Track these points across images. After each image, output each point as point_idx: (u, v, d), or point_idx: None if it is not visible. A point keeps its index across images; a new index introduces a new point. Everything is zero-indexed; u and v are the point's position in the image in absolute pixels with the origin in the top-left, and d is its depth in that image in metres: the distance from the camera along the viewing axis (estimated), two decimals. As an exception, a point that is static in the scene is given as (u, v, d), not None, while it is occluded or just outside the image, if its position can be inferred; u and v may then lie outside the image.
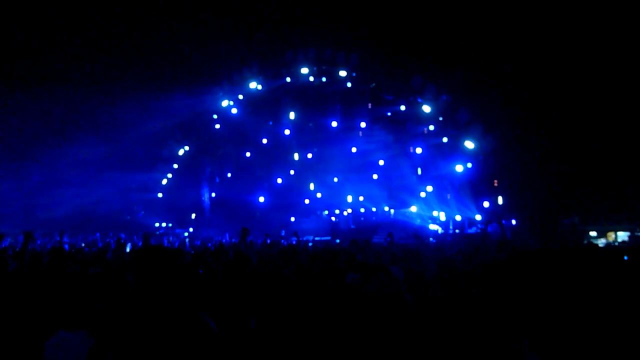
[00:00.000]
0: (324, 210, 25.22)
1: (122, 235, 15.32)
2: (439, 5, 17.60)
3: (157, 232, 24.25)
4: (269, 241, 11.16)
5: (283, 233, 19.35)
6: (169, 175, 27.34)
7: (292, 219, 24.52)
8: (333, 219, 24.87)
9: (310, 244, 17.17)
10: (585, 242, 16.60)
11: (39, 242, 14.84)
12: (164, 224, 26.68)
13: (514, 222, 18.94)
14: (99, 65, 20.41)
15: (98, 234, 15.38)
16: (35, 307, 4.58)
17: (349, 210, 24.48)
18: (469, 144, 20.03)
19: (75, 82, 19.79)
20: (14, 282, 5.19)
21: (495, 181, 20.14)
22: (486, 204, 19.57)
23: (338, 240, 18.85)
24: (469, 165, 20.29)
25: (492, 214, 18.74)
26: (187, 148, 26.94)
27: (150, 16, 18.94)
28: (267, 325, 3.74)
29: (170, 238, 18.28)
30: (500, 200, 19.73)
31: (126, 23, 19.04)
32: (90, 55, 19.93)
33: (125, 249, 11.75)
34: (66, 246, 13.43)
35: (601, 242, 18.32)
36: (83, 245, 13.69)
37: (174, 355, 2.95)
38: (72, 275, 6.53)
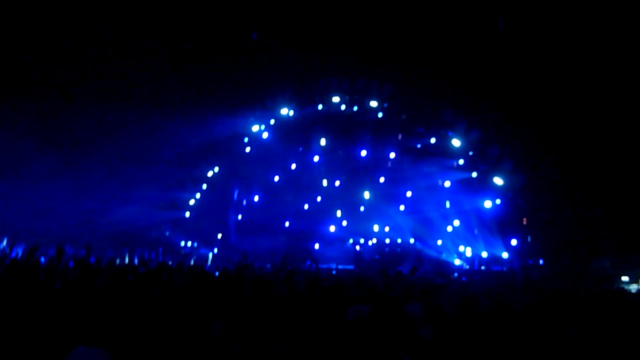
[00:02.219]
0: (349, 239, 25.10)
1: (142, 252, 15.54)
2: (473, 41, 17.63)
3: (183, 252, 24.44)
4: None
5: (308, 263, 19.31)
6: (197, 196, 27.64)
7: (317, 245, 24.45)
8: (357, 248, 24.71)
9: (333, 272, 17.12)
10: (616, 287, 16.11)
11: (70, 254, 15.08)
12: (189, 243, 26.88)
13: (541, 262, 18.54)
14: (137, 86, 20.93)
15: (126, 249, 15.57)
16: (59, 321, 4.64)
17: (374, 240, 24.32)
18: (498, 180, 19.81)
19: (111, 101, 20.31)
20: (42, 296, 5.29)
21: (524, 219, 19.78)
22: (514, 242, 19.23)
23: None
24: (498, 201, 20.04)
25: (519, 253, 18.43)
26: (216, 169, 27.26)
27: (188, 40, 19.42)
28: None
29: (195, 257, 18.39)
30: (528, 239, 19.36)
31: (165, 46, 19.54)
32: (128, 76, 20.46)
33: (149, 266, 11.89)
34: (92, 259, 13.65)
35: (633, 287, 17.75)
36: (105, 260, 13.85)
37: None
38: (97, 290, 6.63)
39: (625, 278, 18.89)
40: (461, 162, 21.80)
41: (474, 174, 21.25)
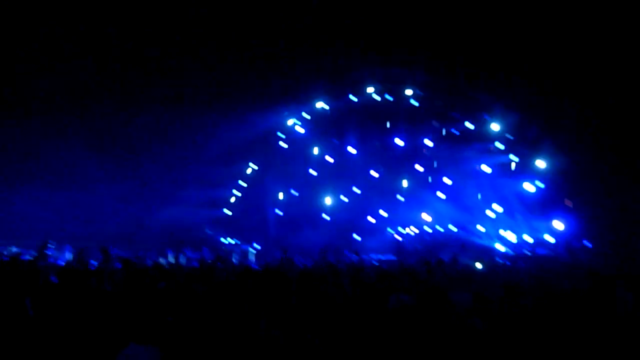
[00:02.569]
0: (389, 229, 25.01)
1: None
2: (506, 22, 17.20)
3: (224, 248, 24.81)
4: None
5: (347, 253, 19.34)
6: (237, 193, 27.99)
7: (357, 237, 24.45)
8: (398, 238, 24.61)
9: (375, 263, 17.11)
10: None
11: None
12: (231, 240, 27.26)
13: (588, 245, 18.08)
14: (176, 86, 21.27)
15: (169, 250, 15.91)
16: (111, 321, 4.79)
17: (414, 229, 24.16)
18: (540, 163, 19.38)
19: (151, 101, 20.72)
20: (93, 297, 5.46)
21: (569, 202, 19.30)
22: (559, 225, 18.80)
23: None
24: (540, 184, 19.62)
25: (565, 236, 18.01)
26: (254, 166, 27.54)
27: (223, 36, 19.57)
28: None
29: (237, 254, 18.66)
30: (573, 221, 18.91)
31: (200, 44, 19.76)
32: (168, 76, 20.80)
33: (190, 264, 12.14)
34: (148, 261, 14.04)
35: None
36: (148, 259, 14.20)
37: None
38: (145, 289, 6.81)
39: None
40: (500, 146, 21.41)
41: (514, 158, 20.85)
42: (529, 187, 19.63)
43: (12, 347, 4.28)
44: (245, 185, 27.83)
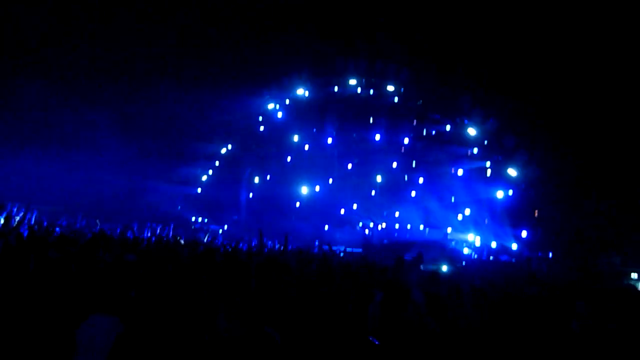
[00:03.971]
0: (359, 222, 25.16)
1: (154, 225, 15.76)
2: (492, 29, 17.41)
3: (193, 227, 24.67)
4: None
5: (317, 243, 19.39)
6: (210, 172, 27.80)
7: (326, 227, 24.54)
8: (367, 231, 24.78)
9: (341, 254, 17.20)
10: (625, 283, 16.04)
11: (78, 225, 15.33)
12: (200, 219, 27.12)
13: (550, 255, 18.49)
14: (154, 62, 21.01)
15: (136, 224, 15.72)
16: (71, 291, 4.76)
17: (383, 225, 24.35)
18: (512, 171, 19.70)
19: (131, 77, 20.43)
20: (52, 266, 5.40)
21: (536, 211, 19.69)
22: (524, 234, 19.18)
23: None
24: (510, 192, 19.95)
25: (528, 245, 18.37)
26: (229, 147, 27.35)
27: (206, 17, 19.40)
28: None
29: (207, 234, 18.56)
30: (539, 231, 19.30)
31: (182, 23, 19.57)
32: (146, 52, 20.53)
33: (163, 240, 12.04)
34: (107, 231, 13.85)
35: (641, 284, 17.65)
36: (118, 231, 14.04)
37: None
38: (109, 261, 6.76)
39: (634, 275, 18.81)
40: (475, 151, 21.69)
41: (488, 164, 21.14)
42: (499, 194, 19.95)
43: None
44: (218, 164, 27.66)
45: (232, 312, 3.08)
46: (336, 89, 24.45)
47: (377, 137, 24.08)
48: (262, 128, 26.88)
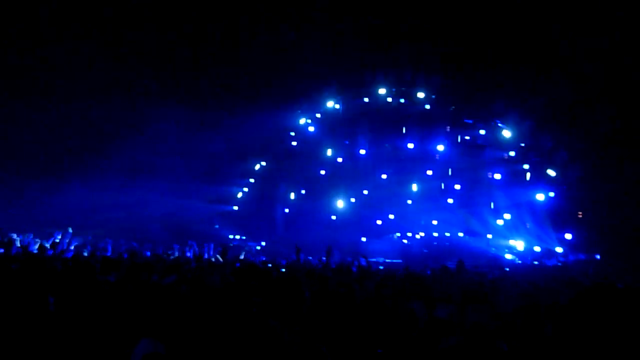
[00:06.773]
0: (396, 233, 24.91)
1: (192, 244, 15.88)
2: (524, 30, 17.08)
3: (231, 244, 24.83)
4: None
5: (355, 260, 19.20)
6: (245, 189, 28.01)
7: (364, 239, 24.38)
8: (405, 241, 24.50)
9: (381, 267, 17.02)
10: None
11: (123, 248, 15.54)
12: (237, 237, 27.28)
13: (597, 256, 17.90)
14: (189, 81, 21.35)
15: (176, 245, 15.89)
16: (122, 315, 4.77)
17: (422, 234, 24.05)
18: (552, 172, 19.24)
19: (165, 97, 20.77)
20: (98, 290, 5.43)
21: (580, 213, 19.12)
22: (568, 236, 18.65)
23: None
24: (551, 194, 19.46)
25: (574, 247, 17.84)
26: (263, 163, 27.54)
27: (237, 34, 19.63)
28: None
29: (246, 249, 18.66)
30: (584, 233, 18.73)
31: (215, 40, 19.84)
32: (180, 71, 20.89)
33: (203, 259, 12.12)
34: (148, 253, 14.05)
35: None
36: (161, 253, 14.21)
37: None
38: (149, 284, 6.79)
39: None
40: (512, 153, 21.27)
41: (526, 166, 20.70)
42: (540, 196, 19.47)
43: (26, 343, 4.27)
44: (253, 181, 27.85)
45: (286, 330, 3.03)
46: (367, 99, 24.39)
47: (411, 145, 23.85)
48: (294, 143, 26.98)
